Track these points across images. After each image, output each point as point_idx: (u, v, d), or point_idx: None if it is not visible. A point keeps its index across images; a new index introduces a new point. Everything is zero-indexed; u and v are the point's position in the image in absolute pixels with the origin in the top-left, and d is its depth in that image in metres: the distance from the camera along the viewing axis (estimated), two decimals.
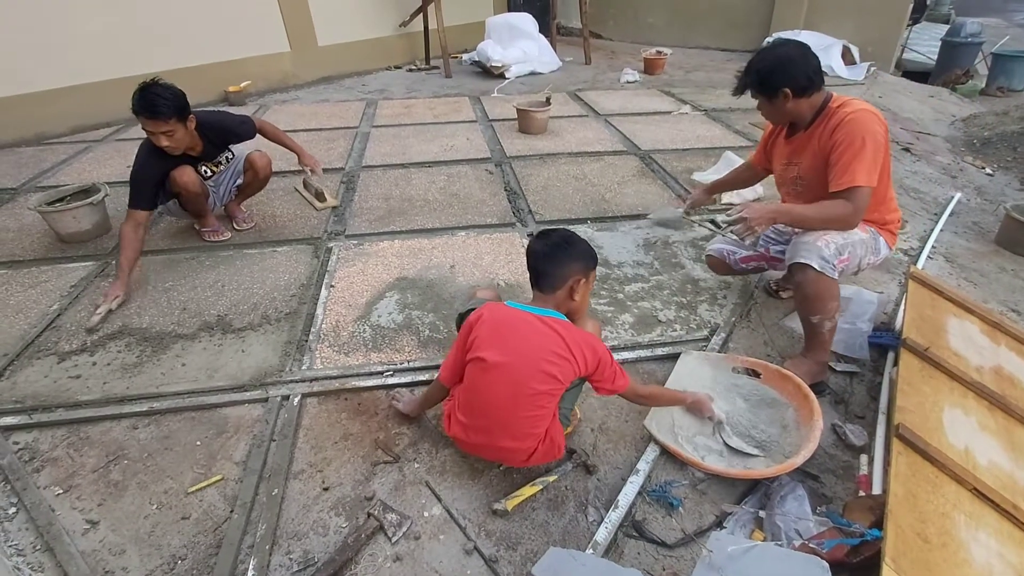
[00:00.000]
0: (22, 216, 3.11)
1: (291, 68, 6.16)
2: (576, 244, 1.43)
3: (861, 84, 5.79)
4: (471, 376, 1.40)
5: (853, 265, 1.85)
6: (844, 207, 1.69)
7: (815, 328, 1.79)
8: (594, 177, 3.54)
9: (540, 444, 1.39)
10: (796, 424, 1.61)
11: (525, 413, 1.33)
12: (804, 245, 1.74)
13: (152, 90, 2.25)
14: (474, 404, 1.39)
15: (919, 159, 3.92)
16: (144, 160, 2.42)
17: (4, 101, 4.26)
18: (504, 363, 1.32)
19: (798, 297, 1.80)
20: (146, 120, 2.27)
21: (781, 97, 1.74)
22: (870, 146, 1.65)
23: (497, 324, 1.38)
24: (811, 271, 1.70)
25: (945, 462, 1.33)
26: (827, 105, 1.78)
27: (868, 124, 1.67)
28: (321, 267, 2.57)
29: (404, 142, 4.27)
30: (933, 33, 7.72)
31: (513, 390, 1.32)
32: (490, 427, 1.37)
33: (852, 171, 1.66)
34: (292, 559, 1.33)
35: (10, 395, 1.84)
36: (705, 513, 1.44)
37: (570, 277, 1.40)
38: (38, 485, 1.53)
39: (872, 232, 1.87)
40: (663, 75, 6.46)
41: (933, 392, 1.58)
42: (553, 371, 1.31)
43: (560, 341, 1.33)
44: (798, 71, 1.71)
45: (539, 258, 1.42)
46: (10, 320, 2.22)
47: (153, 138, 2.34)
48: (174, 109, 2.28)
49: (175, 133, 2.33)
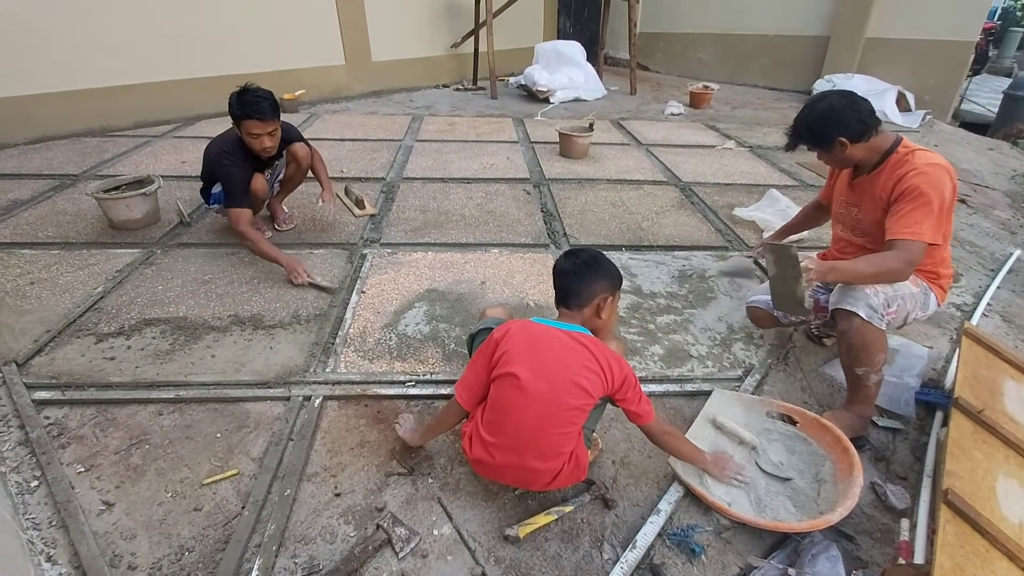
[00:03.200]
0: (80, 201, 3.27)
1: (344, 80, 6.39)
2: (603, 264, 1.45)
3: (915, 132, 5.63)
4: (500, 393, 1.35)
5: (900, 319, 1.76)
6: (896, 260, 1.60)
7: (859, 381, 1.69)
8: (632, 205, 3.51)
9: (566, 464, 1.34)
10: (833, 478, 1.51)
11: (557, 430, 1.30)
12: (851, 291, 1.66)
13: (256, 93, 2.33)
14: (504, 422, 1.33)
15: (976, 212, 3.76)
16: (237, 162, 2.49)
17: (76, 94, 4.54)
18: (538, 378, 1.29)
19: (843, 347, 1.71)
20: (257, 123, 2.35)
21: (838, 147, 1.69)
22: (937, 203, 1.59)
23: (530, 340, 1.35)
24: (857, 319, 1.62)
25: (997, 535, 1.22)
26: (895, 149, 1.71)
27: (940, 181, 1.60)
28: (354, 272, 2.60)
29: (445, 157, 4.34)
30: (994, 85, 7.52)
31: (547, 407, 1.29)
32: (519, 446, 1.32)
33: (914, 224, 1.59)
34: (297, 563, 1.31)
35: (47, 370, 1.90)
36: (729, 564, 1.36)
37: (597, 295, 1.41)
38: (62, 461, 1.55)
39: (924, 287, 1.79)
40: (708, 110, 6.43)
41: (986, 458, 1.46)
42: (585, 385, 1.29)
43: (590, 355, 1.31)
44: (850, 118, 1.67)
45: (567, 276, 1.43)
46: (57, 298, 2.31)
47: (258, 140, 2.40)
48: (276, 108, 2.38)
49: (277, 132, 2.44)
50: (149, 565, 1.29)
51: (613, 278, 1.45)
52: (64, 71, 4.43)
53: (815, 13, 7.04)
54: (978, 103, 7.23)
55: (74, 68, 4.47)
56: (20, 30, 4.15)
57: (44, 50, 4.29)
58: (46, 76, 4.37)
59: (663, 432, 1.45)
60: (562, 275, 1.45)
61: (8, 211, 3.14)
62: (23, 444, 1.61)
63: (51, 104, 4.44)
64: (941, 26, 6.12)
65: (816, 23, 7.06)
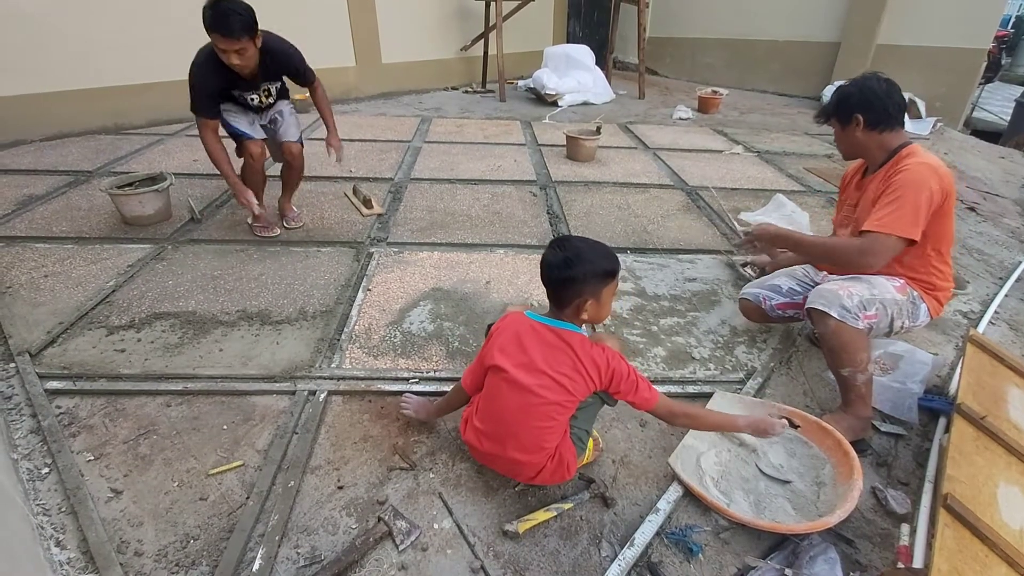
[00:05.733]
0: (93, 197, 3.32)
1: (355, 82, 6.45)
2: (585, 262, 1.29)
3: (925, 139, 5.60)
4: (490, 383, 1.41)
5: (884, 325, 1.73)
6: (851, 244, 1.60)
7: (848, 381, 1.69)
8: (638, 208, 3.52)
9: (549, 461, 1.36)
10: (833, 481, 1.52)
11: (535, 423, 1.32)
12: (824, 292, 1.67)
13: (226, 5, 2.17)
14: (489, 411, 1.40)
15: (985, 220, 3.73)
16: (205, 73, 2.40)
17: (91, 92, 4.62)
18: (518, 372, 1.32)
19: (824, 349, 1.72)
20: (221, 38, 2.21)
21: (853, 123, 1.71)
22: (911, 197, 1.57)
23: (518, 334, 1.38)
24: (832, 320, 1.63)
25: (997, 541, 1.22)
26: (899, 152, 1.72)
27: (922, 177, 1.59)
28: (361, 270, 2.63)
29: (453, 159, 4.37)
30: (1007, 94, 7.47)
31: (525, 399, 1.31)
32: (501, 435, 1.37)
33: (883, 217, 1.59)
34: (299, 553, 1.33)
35: (60, 361, 1.94)
36: (726, 564, 1.36)
37: (576, 298, 1.31)
38: (72, 449, 1.59)
39: (913, 296, 1.75)
40: (717, 115, 6.43)
41: (987, 464, 1.46)
42: (565, 383, 1.30)
43: (573, 355, 1.32)
44: (876, 102, 1.68)
45: (549, 270, 1.33)
46: (70, 291, 2.35)
47: (224, 56, 2.28)
48: (248, 27, 2.23)
49: (247, 51, 2.29)
50: (155, 552, 1.32)
51: (596, 276, 1.29)
52: (80, 69, 4.51)
53: (825, 19, 7.02)
54: (990, 111, 7.18)
55: (90, 66, 4.55)
56: (38, 29, 4.23)
57: (61, 48, 4.37)
58: (63, 74, 4.45)
59: (673, 414, 1.43)
60: (544, 267, 1.34)
61: (24, 206, 3.20)
62: (35, 432, 1.64)
63: (67, 102, 4.52)
64: (953, 33, 6.09)
65: (826, 29, 7.05)
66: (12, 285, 2.38)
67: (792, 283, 2.03)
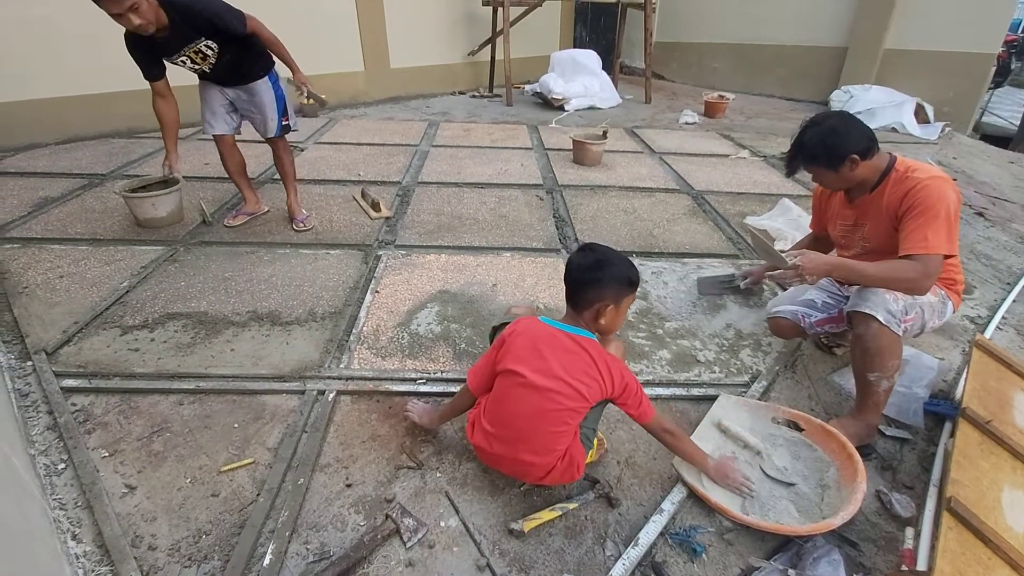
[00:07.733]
0: (107, 199, 3.39)
1: (363, 86, 6.52)
2: (612, 267, 1.38)
3: (934, 144, 5.58)
4: (501, 387, 1.41)
5: (917, 327, 1.77)
6: (913, 269, 1.61)
7: (871, 387, 1.69)
8: (644, 212, 3.54)
9: (559, 462, 1.38)
10: (837, 484, 1.52)
11: (550, 428, 1.34)
12: (869, 295, 1.67)
13: None
14: (501, 414, 1.41)
15: (993, 225, 3.72)
16: (128, 44, 2.45)
17: (105, 97, 4.70)
18: (535, 377, 1.33)
19: (857, 351, 1.71)
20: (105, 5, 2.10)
21: (848, 164, 1.70)
22: (944, 214, 1.60)
23: (532, 340, 1.39)
24: (875, 323, 1.63)
25: (1001, 544, 1.23)
26: (893, 167, 1.74)
27: (944, 192, 1.62)
28: (369, 273, 2.66)
29: (460, 163, 4.41)
30: (1017, 98, 7.43)
31: (541, 405, 1.33)
32: (513, 439, 1.38)
33: (927, 236, 1.60)
34: (309, 549, 1.35)
35: (75, 360, 1.98)
36: (730, 565, 1.37)
37: (598, 301, 1.38)
38: (87, 446, 1.62)
39: (941, 295, 1.80)
40: (723, 119, 6.43)
41: (992, 469, 1.46)
42: (582, 389, 1.32)
43: (590, 360, 1.34)
44: (859, 135, 1.69)
45: (574, 273, 1.41)
46: (85, 292, 2.40)
47: (121, 21, 2.19)
48: None
49: (139, 6, 2.15)
50: (168, 546, 1.35)
51: (621, 284, 1.39)
52: (94, 74, 4.58)
53: (833, 24, 7.02)
54: (1000, 116, 7.14)
55: (104, 72, 4.62)
56: (53, 34, 4.31)
57: (76, 54, 4.45)
58: (77, 79, 4.53)
59: (663, 431, 1.48)
60: (570, 271, 1.42)
61: (40, 208, 3.26)
62: (51, 429, 1.68)
63: (81, 106, 4.60)
64: (961, 38, 6.07)
65: (834, 34, 7.04)
66: (29, 285, 2.43)
67: (825, 296, 2.02)
